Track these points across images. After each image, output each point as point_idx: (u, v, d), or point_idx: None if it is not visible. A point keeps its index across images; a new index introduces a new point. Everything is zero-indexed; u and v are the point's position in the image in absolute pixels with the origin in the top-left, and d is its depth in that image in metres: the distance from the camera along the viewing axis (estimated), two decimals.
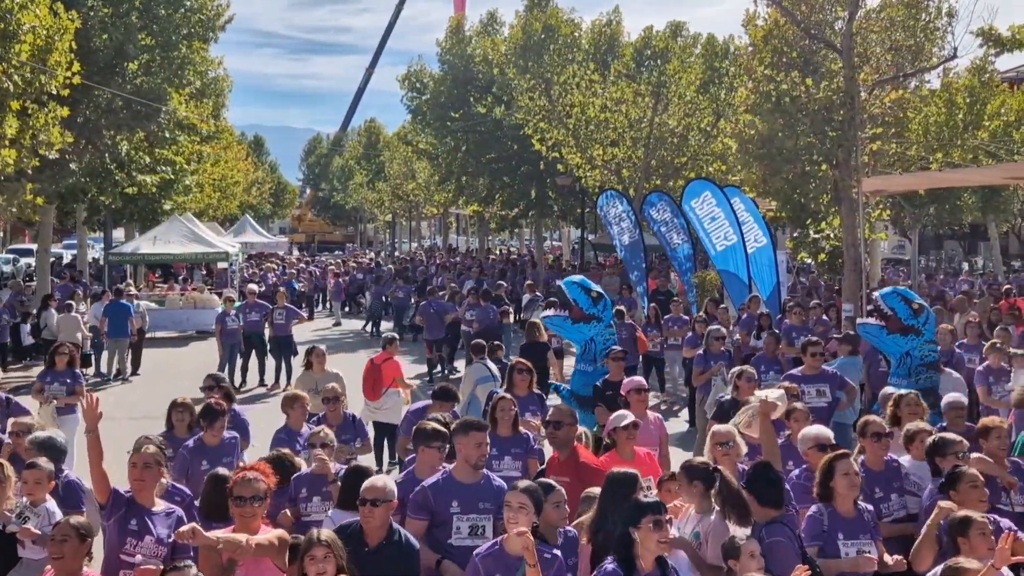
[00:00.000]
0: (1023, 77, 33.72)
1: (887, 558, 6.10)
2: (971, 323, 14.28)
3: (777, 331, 14.52)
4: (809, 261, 23.24)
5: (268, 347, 19.98)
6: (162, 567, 5.39)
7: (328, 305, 35.51)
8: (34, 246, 34.32)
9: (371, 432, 11.13)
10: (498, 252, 50.73)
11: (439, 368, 21.26)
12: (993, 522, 5.90)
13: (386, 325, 27.92)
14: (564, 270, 34.35)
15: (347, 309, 34.51)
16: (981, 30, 19.31)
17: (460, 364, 19.20)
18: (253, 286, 23.53)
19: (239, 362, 19.74)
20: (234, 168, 50.33)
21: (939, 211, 31.18)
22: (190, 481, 7.57)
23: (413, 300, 26.81)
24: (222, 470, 6.75)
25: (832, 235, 19.03)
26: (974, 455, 7.26)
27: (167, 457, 6.84)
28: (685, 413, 16.64)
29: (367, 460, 9.79)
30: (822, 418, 9.35)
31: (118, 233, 39.24)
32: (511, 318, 24.27)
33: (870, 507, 6.27)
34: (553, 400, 10.31)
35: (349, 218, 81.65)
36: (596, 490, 6.23)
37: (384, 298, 29.23)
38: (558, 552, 5.53)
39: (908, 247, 38.54)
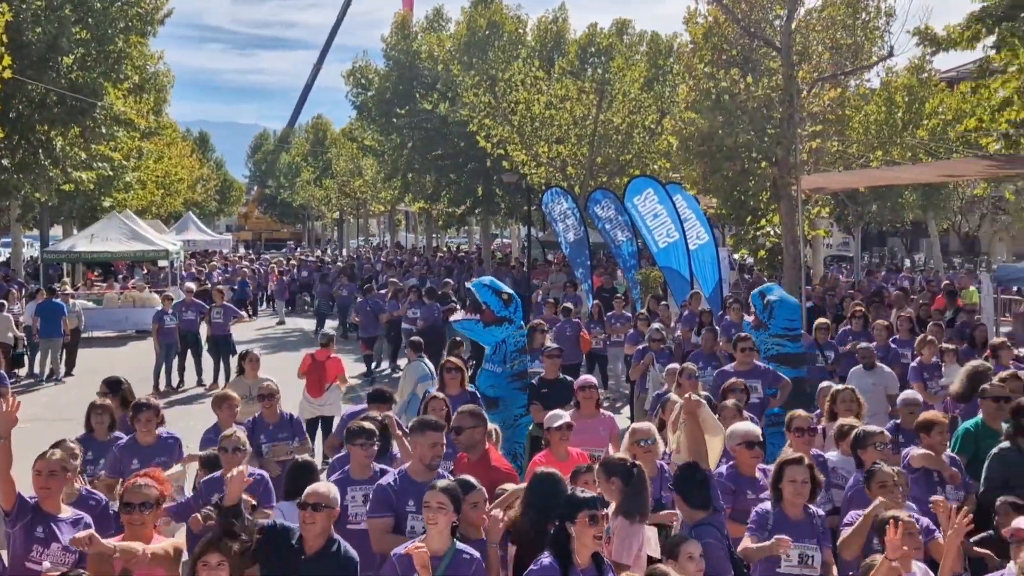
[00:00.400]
0: (962, 76, 34.28)
1: (834, 570, 6.05)
2: (903, 318, 14.45)
3: (717, 327, 14.55)
4: (750, 258, 23.40)
5: (206, 346, 19.67)
6: None
7: (271, 304, 35.10)
8: None
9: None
10: (446, 250, 50.55)
11: (378, 365, 21.24)
12: (916, 520, 5.93)
13: (332, 324, 27.67)
14: (512, 267, 34.28)
15: (291, 308, 34.16)
16: (917, 29, 19.61)
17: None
18: (191, 284, 23.16)
19: (176, 362, 19.41)
20: (178, 165, 49.59)
21: (881, 209, 31.64)
22: (125, 481, 7.37)
23: (358, 298, 26.58)
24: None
25: (772, 232, 19.15)
26: (916, 450, 7.32)
27: (86, 460, 6.62)
28: (627, 410, 16.64)
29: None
30: (754, 415, 9.36)
31: (56, 231, 38.46)
32: (457, 316, 24.19)
33: (822, 512, 6.23)
34: None
35: (297, 215, 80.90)
36: (510, 486, 6.25)
37: (330, 297, 28.95)
38: (477, 554, 5.45)
39: (852, 244, 39.06)
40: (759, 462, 6.90)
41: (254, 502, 6.08)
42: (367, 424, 6.90)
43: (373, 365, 21.22)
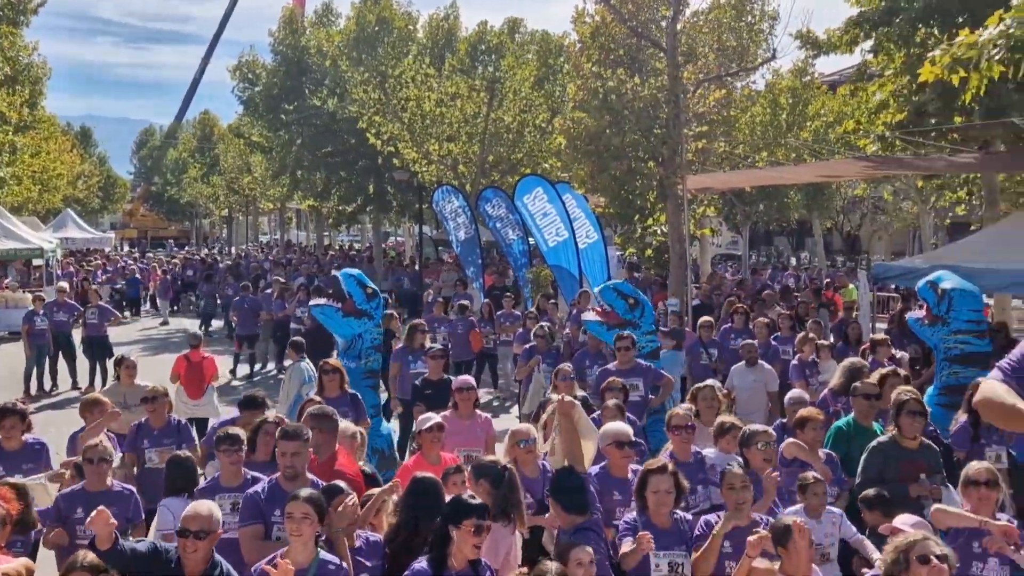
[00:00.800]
0: (843, 80, 35.31)
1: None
2: (784, 316, 14.71)
3: None
4: (636, 257, 23.64)
5: (81, 348, 18.88)
6: None
7: (153, 304, 33.98)
8: None
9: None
10: (338, 248, 49.84)
11: (264, 366, 20.84)
12: (762, 521, 5.97)
13: (218, 324, 26.97)
14: (405, 266, 34.01)
15: (176, 308, 33.17)
16: (799, 33, 20.07)
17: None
18: (63, 284, 22.22)
19: (47, 365, 18.60)
20: (57, 160, 47.65)
21: (768, 208, 32.38)
22: None
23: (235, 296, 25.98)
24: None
25: (659, 231, 19.35)
26: (789, 441, 7.42)
27: None
28: (516, 409, 16.57)
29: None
30: (635, 413, 9.36)
31: None
32: (319, 301, 23.78)
33: (689, 516, 6.19)
34: None
35: (184, 213, 78.81)
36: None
37: (216, 296, 28.19)
38: (343, 563, 5.26)
39: (740, 243, 39.90)
40: (630, 462, 6.85)
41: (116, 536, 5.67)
42: (232, 430, 6.67)
43: (259, 366, 20.77)
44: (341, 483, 5.95)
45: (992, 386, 3.99)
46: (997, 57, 8.44)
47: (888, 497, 6.61)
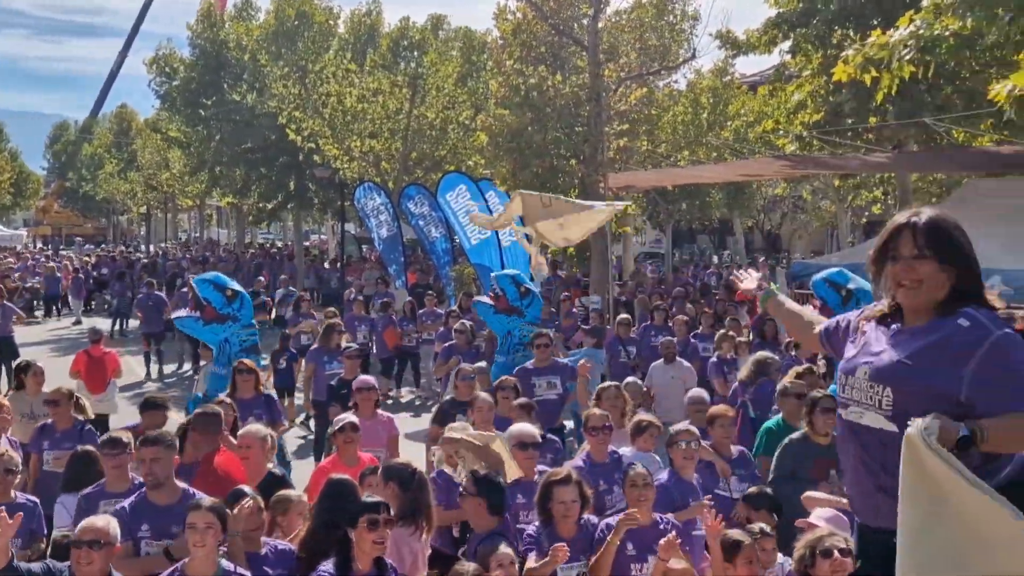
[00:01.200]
0: (764, 80, 35.85)
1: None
2: (706, 314, 14.82)
3: None
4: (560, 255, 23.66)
5: None
6: None
7: (66, 302, 32.97)
8: None
9: None
10: (259, 246, 49.07)
11: (180, 366, 20.44)
12: (662, 520, 5.98)
13: (134, 323, 26.31)
14: (328, 264, 33.61)
15: (89, 307, 32.25)
16: (719, 32, 20.29)
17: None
18: None
19: None
20: None
21: (691, 207, 32.72)
22: None
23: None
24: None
25: None
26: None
27: None
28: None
29: None
30: (552, 411, 9.31)
31: None
32: (266, 314, 23.42)
33: (595, 520, 6.10)
34: None
35: (101, 210, 76.78)
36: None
37: (131, 295, 27.49)
38: (245, 572, 5.09)
39: (664, 241, 40.27)
40: (534, 463, 6.75)
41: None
42: (116, 434, 6.47)
43: (174, 367, 20.33)
44: (246, 488, 5.79)
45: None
46: (908, 57, 8.57)
47: (771, 496, 6.64)
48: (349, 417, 7.27)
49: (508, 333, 10.34)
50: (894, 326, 3.41)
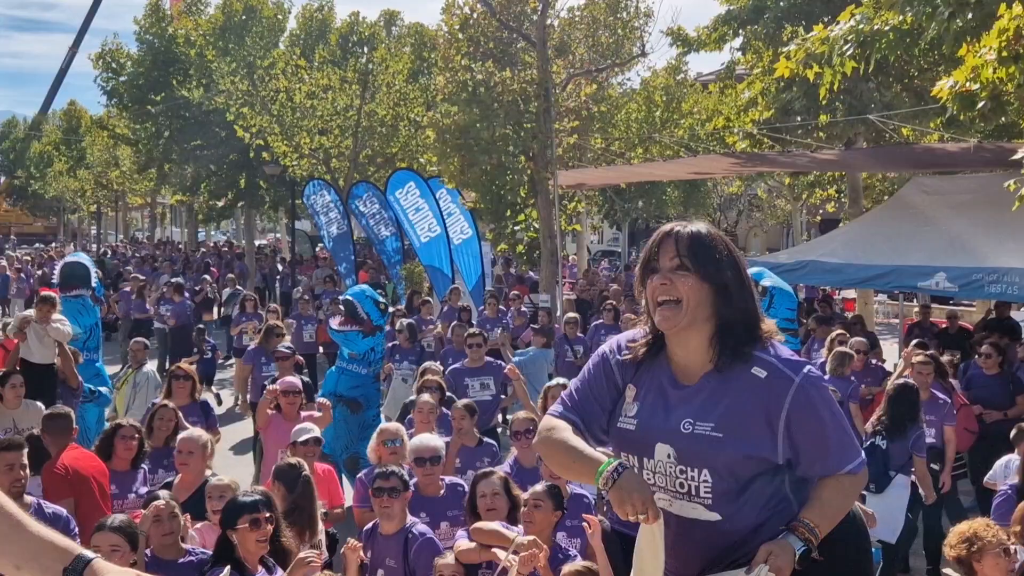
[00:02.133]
0: (718, 79, 35.91)
1: None
2: (608, 308, 14.75)
3: (471, 323, 14.34)
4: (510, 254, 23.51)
5: None
6: None
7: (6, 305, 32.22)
8: None
9: None
10: (212, 245, 48.38)
11: (119, 366, 19.99)
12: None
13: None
14: (279, 262, 33.13)
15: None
16: (670, 30, 20.21)
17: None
18: None
19: None
20: None
21: (647, 205, 32.67)
22: None
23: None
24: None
25: (531, 227, 19.19)
26: None
27: None
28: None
29: None
30: (487, 412, 9.15)
31: None
32: (213, 314, 22.99)
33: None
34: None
35: (51, 209, 75.42)
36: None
37: None
38: None
39: (621, 239, 40.28)
40: (435, 479, 6.37)
41: None
42: (12, 438, 6.16)
43: (117, 368, 19.85)
44: (162, 492, 5.57)
45: (552, 422, 3.02)
46: (848, 53, 8.46)
47: None
48: (316, 430, 7.05)
49: (371, 349, 10.32)
50: (676, 382, 2.89)
